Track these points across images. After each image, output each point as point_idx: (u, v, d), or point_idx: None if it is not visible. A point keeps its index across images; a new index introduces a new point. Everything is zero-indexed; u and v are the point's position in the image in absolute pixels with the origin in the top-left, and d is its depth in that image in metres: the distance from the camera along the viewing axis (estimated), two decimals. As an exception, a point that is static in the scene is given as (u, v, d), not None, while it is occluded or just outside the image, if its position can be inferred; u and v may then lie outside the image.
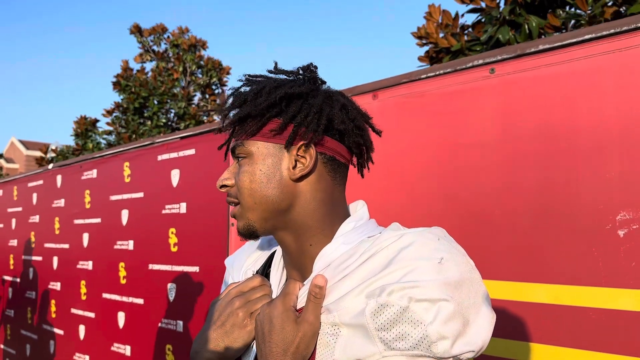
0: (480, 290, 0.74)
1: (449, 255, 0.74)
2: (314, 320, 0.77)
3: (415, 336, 0.69)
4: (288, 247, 0.88)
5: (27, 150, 34.74)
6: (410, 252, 0.74)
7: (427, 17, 3.40)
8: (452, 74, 1.62)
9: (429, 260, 0.73)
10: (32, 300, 4.22)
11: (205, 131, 2.61)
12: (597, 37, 1.36)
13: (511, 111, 1.49)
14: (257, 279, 0.90)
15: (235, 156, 0.87)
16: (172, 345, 2.72)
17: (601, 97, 1.35)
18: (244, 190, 0.84)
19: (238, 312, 0.85)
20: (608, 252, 1.32)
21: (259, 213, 0.84)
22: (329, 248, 0.83)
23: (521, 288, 1.44)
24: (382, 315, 0.71)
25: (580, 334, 1.34)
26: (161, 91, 10.01)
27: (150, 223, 2.91)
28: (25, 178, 4.50)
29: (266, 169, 0.84)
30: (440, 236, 0.78)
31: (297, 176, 0.83)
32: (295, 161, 0.84)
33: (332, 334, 0.76)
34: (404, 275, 0.72)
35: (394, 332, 0.70)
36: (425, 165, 1.67)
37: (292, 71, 0.91)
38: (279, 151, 0.84)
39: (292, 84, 0.85)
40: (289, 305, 0.80)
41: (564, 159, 1.40)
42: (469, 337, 0.70)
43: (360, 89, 1.84)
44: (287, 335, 0.77)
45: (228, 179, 0.88)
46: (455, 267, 0.73)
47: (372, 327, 0.71)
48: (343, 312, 0.75)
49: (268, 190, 0.83)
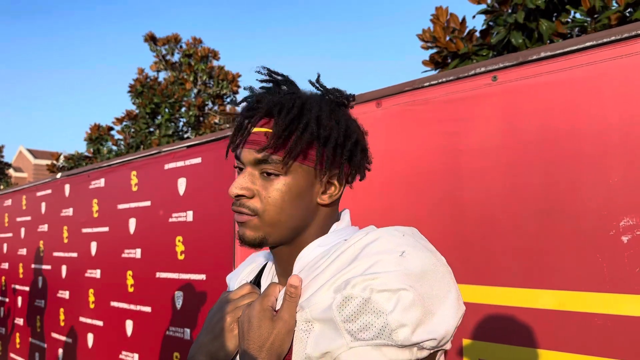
0: (445, 283, 0.76)
1: (412, 249, 0.76)
2: (289, 318, 0.80)
3: (377, 325, 0.72)
4: (282, 257, 0.91)
5: (35, 159, 34.99)
6: (374, 246, 0.78)
7: (434, 20, 3.39)
8: (454, 82, 1.63)
9: (391, 253, 0.76)
10: (41, 308, 4.24)
11: (211, 140, 2.64)
12: (598, 44, 1.37)
13: (514, 118, 1.50)
14: (246, 287, 0.93)
15: (262, 169, 0.85)
16: (180, 353, 2.73)
17: (603, 104, 1.36)
18: (272, 207, 0.84)
19: (226, 318, 0.89)
20: (612, 258, 1.32)
21: (280, 230, 0.86)
22: (305, 251, 0.87)
23: (526, 294, 1.45)
24: (347, 308, 0.73)
25: (585, 339, 1.34)
26: (174, 99, 10.11)
27: (158, 231, 2.93)
28: (34, 187, 4.55)
29: (299, 190, 0.85)
30: (407, 233, 0.81)
31: (327, 202, 0.87)
32: (325, 187, 0.87)
33: (305, 330, 0.79)
34: (366, 269, 0.75)
35: (359, 323, 0.72)
36: (430, 172, 1.68)
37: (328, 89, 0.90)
38: (312, 174, 0.86)
39: (344, 116, 0.88)
40: (266, 305, 0.83)
41: (567, 165, 1.40)
42: (431, 326, 0.72)
43: (364, 97, 1.85)
44: (262, 333, 0.80)
45: (247, 189, 0.85)
46: (417, 260, 0.75)
47: (339, 320, 0.74)
48: (314, 308, 0.78)
49: (297, 211, 0.85)
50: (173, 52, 11.36)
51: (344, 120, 0.87)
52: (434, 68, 3.44)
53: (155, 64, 11.26)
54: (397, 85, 1.79)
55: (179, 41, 11.33)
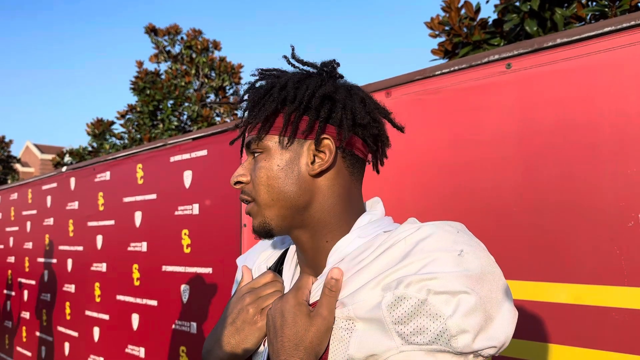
0: (502, 285, 0.71)
1: (469, 248, 0.71)
2: (328, 314, 0.74)
3: (434, 330, 0.66)
4: (304, 245, 0.86)
5: (41, 154, 35.10)
6: (428, 243, 0.72)
7: (446, 9, 3.33)
8: (467, 70, 1.59)
9: (448, 252, 0.70)
10: (47, 302, 4.24)
11: (217, 132, 2.61)
12: (617, 29, 1.32)
13: (529, 107, 1.46)
14: (269, 275, 0.88)
15: (251, 151, 0.85)
16: (186, 347, 2.71)
17: (621, 91, 1.32)
18: (261, 187, 0.82)
19: (248, 309, 0.83)
20: (630, 250, 1.28)
21: (277, 210, 0.82)
22: (343, 241, 0.81)
23: (541, 288, 1.41)
24: (399, 308, 0.68)
25: (603, 334, 1.31)
26: (175, 95, 10.06)
27: (163, 224, 2.91)
28: (40, 181, 4.54)
29: (284, 164, 0.81)
30: (460, 229, 0.76)
31: (316, 172, 0.82)
32: (314, 156, 0.82)
33: (346, 329, 0.73)
34: (422, 267, 0.69)
35: (412, 326, 0.67)
36: (442, 163, 1.64)
37: (311, 63, 0.88)
38: (297, 146, 0.82)
39: (314, 80, 0.84)
40: (301, 299, 0.78)
41: (584, 155, 1.36)
42: (491, 332, 0.67)
43: (374, 87, 1.81)
44: (299, 330, 0.74)
45: (243, 174, 0.84)
46: (476, 260, 0.70)
47: (389, 321, 0.68)
48: (358, 306, 0.72)
49: (286, 186, 0.81)
50: (174, 44, 11.31)
51: (313, 83, 0.83)
52: (443, 57, 3.38)
53: (155, 55, 11.20)
54: (408, 74, 1.74)
55: (179, 32, 11.28)
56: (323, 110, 0.81)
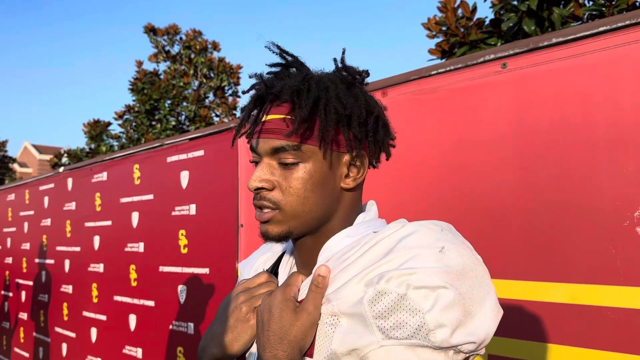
0: (485, 283, 0.71)
1: (452, 245, 0.72)
2: (313, 310, 0.75)
3: (412, 324, 0.67)
4: (305, 247, 0.86)
5: (40, 155, 35.07)
6: (411, 240, 0.73)
7: (442, 9, 3.33)
8: (463, 70, 1.59)
9: (430, 248, 0.71)
10: (44, 303, 4.23)
11: (214, 132, 2.60)
12: (611, 29, 1.32)
13: (525, 106, 1.46)
14: (263, 275, 0.89)
15: (280, 158, 0.80)
16: (184, 348, 2.71)
17: (617, 91, 1.32)
18: (294, 197, 0.79)
19: (242, 307, 0.84)
20: (626, 250, 1.28)
21: (305, 221, 0.81)
22: (332, 241, 0.82)
23: (537, 287, 1.41)
24: (379, 303, 0.69)
25: (598, 334, 1.31)
26: (173, 94, 10.05)
27: (161, 225, 2.91)
28: (37, 182, 4.53)
29: (322, 177, 0.80)
30: (444, 228, 0.76)
31: (351, 186, 0.82)
32: (348, 169, 0.82)
33: (330, 324, 0.74)
34: (403, 263, 0.70)
35: (392, 320, 0.68)
36: (438, 163, 1.64)
37: (339, 67, 0.85)
38: (335, 158, 0.81)
39: (361, 94, 0.83)
40: (288, 295, 0.78)
41: (580, 155, 1.36)
42: (471, 328, 0.67)
43: (370, 87, 1.81)
44: (284, 324, 0.75)
45: (267, 180, 0.80)
46: (457, 257, 0.70)
47: (370, 315, 0.69)
48: (342, 301, 0.73)
49: (321, 199, 0.81)
50: (173, 44, 11.30)
51: (362, 96, 0.82)
52: (440, 57, 3.39)
53: (154, 55, 11.20)
54: (404, 74, 1.74)
55: (178, 32, 11.27)
56: (371, 129, 0.82)
